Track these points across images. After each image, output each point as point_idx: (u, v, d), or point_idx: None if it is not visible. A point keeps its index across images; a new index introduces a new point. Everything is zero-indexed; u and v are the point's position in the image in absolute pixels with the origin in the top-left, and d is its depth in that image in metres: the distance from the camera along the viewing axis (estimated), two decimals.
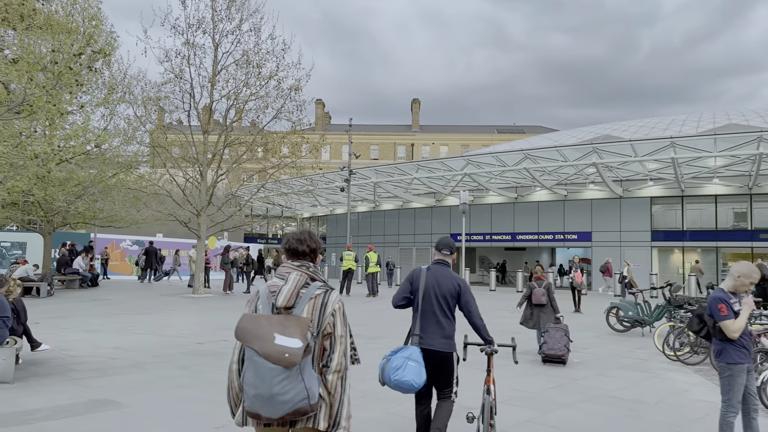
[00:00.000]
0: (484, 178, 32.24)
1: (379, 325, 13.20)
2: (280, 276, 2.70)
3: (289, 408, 2.39)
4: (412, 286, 4.62)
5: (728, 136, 24.40)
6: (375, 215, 41.28)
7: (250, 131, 19.22)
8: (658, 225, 30.68)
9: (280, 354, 2.36)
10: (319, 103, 70.38)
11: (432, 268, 4.70)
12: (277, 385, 2.37)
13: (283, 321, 2.47)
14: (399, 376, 3.96)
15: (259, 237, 51.08)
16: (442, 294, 4.48)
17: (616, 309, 12.52)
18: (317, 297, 2.63)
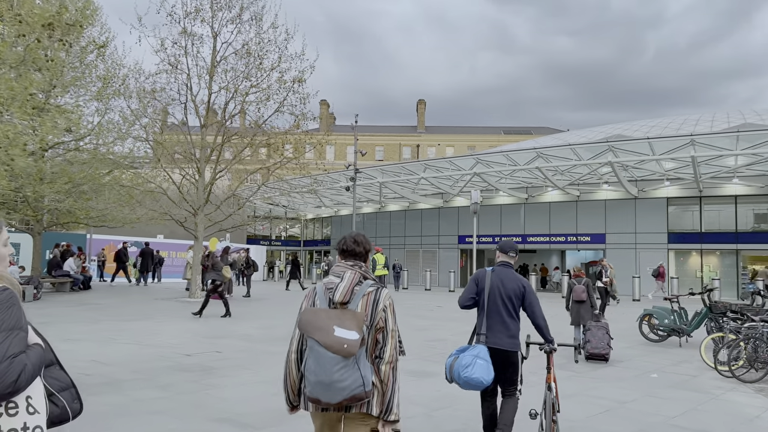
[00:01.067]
0: (494, 178, 31.13)
1: None
2: (335, 274, 2.91)
3: (346, 394, 2.58)
4: (478, 286, 4.74)
5: (750, 133, 23.21)
6: (381, 216, 40.21)
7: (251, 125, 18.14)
8: (674, 226, 29.49)
9: (339, 344, 2.55)
10: (324, 103, 69.36)
11: (496, 269, 4.79)
12: (336, 373, 2.55)
13: (341, 315, 2.68)
14: (468, 374, 4.10)
15: (263, 238, 50.06)
16: (507, 294, 4.62)
17: (649, 316, 11.40)
18: (370, 294, 2.81)
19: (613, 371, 8.41)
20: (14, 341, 1.74)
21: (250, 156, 20.28)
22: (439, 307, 18.58)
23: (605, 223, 30.79)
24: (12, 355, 1.70)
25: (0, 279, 1.86)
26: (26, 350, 1.79)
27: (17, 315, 1.81)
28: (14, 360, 1.70)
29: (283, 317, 14.42)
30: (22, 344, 1.79)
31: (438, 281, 34.31)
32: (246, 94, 18.23)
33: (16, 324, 1.78)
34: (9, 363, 1.68)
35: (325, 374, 2.56)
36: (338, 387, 2.56)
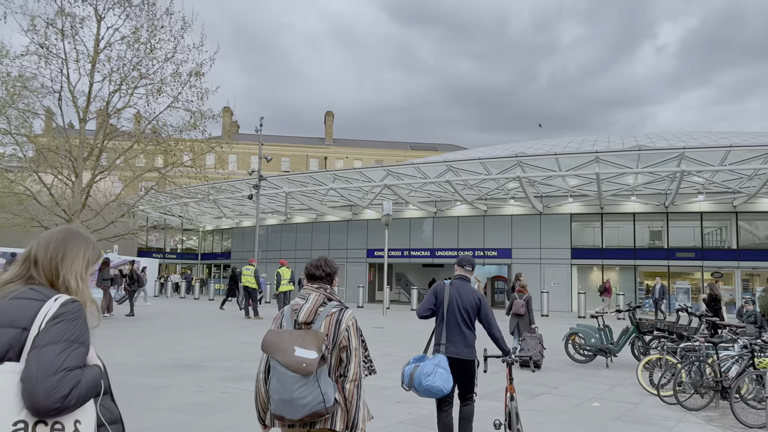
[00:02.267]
0: (405, 191, 30.42)
1: None
2: (301, 296, 3.04)
3: (308, 410, 2.67)
4: (437, 298, 4.88)
5: (650, 153, 24.04)
6: (286, 229, 38.37)
7: (139, 121, 16.06)
8: (577, 242, 30.14)
9: (298, 364, 2.65)
10: (227, 111, 66.21)
11: (455, 282, 4.96)
12: (296, 391, 2.65)
13: (303, 335, 2.78)
14: (430, 382, 4.17)
15: (156, 251, 46.44)
16: (464, 307, 4.77)
17: (575, 335, 10.74)
18: (333, 314, 2.92)
19: (551, 400, 7.49)
20: (72, 354, 1.62)
21: (145, 162, 18.11)
22: None
23: (511, 238, 30.93)
24: (67, 368, 1.58)
25: (75, 293, 1.78)
26: (83, 367, 1.67)
27: (81, 329, 1.72)
28: (68, 374, 1.58)
29: (171, 340, 12.50)
30: (80, 360, 1.68)
31: (346, 296, 32.98)
32: (134, 86, 16.16)
33: (78, 337, 1.67)
34: (62, 376, 1.56)
35: (286, 392, 2.66)
36: (299, 404, 2.65)
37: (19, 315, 1.67)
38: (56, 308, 1.69)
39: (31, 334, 1.64)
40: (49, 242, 1.87)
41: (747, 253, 27.34)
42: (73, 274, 1.85)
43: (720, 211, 27.71)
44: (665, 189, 27.94)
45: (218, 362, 9.76)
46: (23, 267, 1.84)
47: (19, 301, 1.71)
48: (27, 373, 1.57)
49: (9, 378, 1.57)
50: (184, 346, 11.53)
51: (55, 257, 1.84)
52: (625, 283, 29.34)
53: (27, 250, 1.89)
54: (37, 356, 1.59)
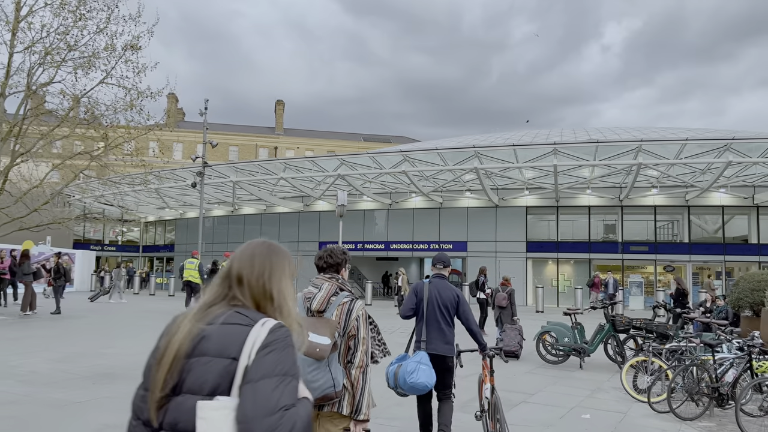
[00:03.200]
0: (359, 181, 29.39)
1: None
2: (314, 285, 3.12)
3: (318, 393, 2.76)
4: (417, 297, 5.01)
5: (609, 145, 23.82)
6: (234, 220, 36.70)
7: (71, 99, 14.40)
8: (533, 235, 29.85)
9: (312, 349, 2.75)
10: (172, 97, 63.50)
11: (433, 281, 5.06)
12: (309, 374, 2.75)
13: (316, 322, 2.89)
14: (414, 379, 4.21)
15: (94, 243, 43.81)
16: (443, 304, 4.91)
17: (545, 334, 9.99)
18: (344, 304, 3.01)
19: (532, 411, 6.64)
20: (287, 390, 1.45)
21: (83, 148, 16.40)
22: None
23: (467, 231, 30.38)
24: (284, 407, 1.42)
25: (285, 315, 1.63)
26: (296, 403, 1.48)
27: (292, 358, 1.52)
28: (285, 413, 1.41)
29: (98, 343, 11.08)
30: (295, 395, 1.49)
31: (297, 290, 31.72)
32: (62, 59, 14.49)
33: (290, 369, 1.49)
34: (280, 416, 1.40)
35: None
36: (311, 387, 2.66)
37: (228, 343, 1.49)
38: (265, 335, 1.50)
39: (240, 364, 1.45)
40: (253, 257, 1.71)
41: (698, 246, 27.64)
42: (282, 293, 1.69)
43: (673, 205, 27.90)
44: (620, 182, 27.92)
45: None
46: (223, 286, 1.67)
47: (228, 327, 1.52)
48: (242, 412, 1.39)
49: (225, 414, 1.40)
50: (112, 350, 10.16)
51: (261, 275, 1.68)
52: (579, 277, 29.22)
53: (227, 267, 1.71)
54: (251, 392, 1.41)
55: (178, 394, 1.46)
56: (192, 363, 1.47)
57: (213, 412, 1.40)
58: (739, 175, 25.57)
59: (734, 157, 22.16)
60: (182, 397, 1.45)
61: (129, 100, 15.04)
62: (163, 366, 1.47)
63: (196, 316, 1.56)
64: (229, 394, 1.44)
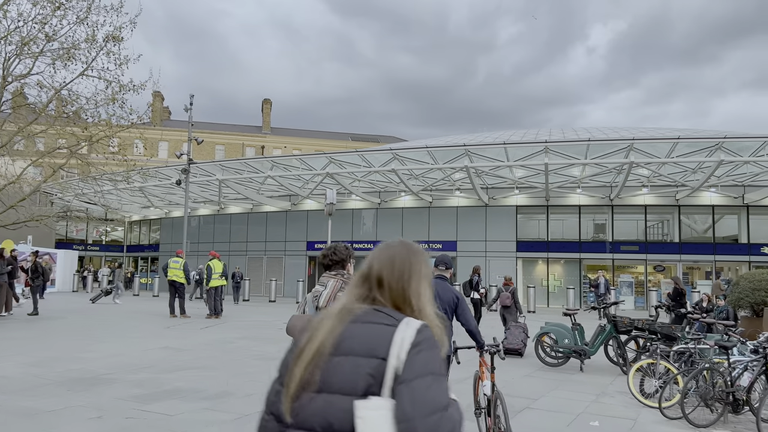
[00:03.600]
0: (348, 180, 28.96)
1: (227, 368, 8.97)
2: (321, 284, 3.26)
3: None
4: None
5: (600, 143, 23.60)
6: (220, 219, 36.08)
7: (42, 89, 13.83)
8: (523, 235, 29.60)
9: None
10: (158, 95, 62.68)
11: (435, 282, 4.65)
12: None
13: None
14: None
15: (78, 243, 42.94)
16: (444, 304, 4.89)
17: (544, 336, 9.64)
18: None
19: (537, 418, 6.28)
20: (440, 389, 1.43)
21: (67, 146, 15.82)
22: None
23: (457, 231, 30.07)
24: (443, 406, 1.40)
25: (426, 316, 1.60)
26: (450, 403, 1.46)
27: (441, 358, 1.51)
28: (444, 413, 1.39)
29: (76, 346, 10.56)
30: (447, 394, 1.47)
31: (284, 291, 31.26)
32: (40, 50, 13.92)
33: (440, 369, 1.47)
34: (440, 416, 1.38)
35: None
36: None
37: (376, 343, 1.48)
38: (413, 335, 1.49)
39: (389, 364, 1.45)
40: (393, 259, 1.68)
41: (688, 246, 27.55)
42: (420, 295, 1.64)
43: (663, 204, 27.78)
44: (611, 182, 27.76)
45: (130, 374, 8.03)
46: (363, 288, 1.66)
47: (373, 327, 1.52)
48: (402, 412, 1.39)
49: (383, 415, 1.40)
50: (90, 354, 9.66)
51: (402, 277, 1.64)
52: (569, 277, 29.02)
53: (366, 268, 1.70)
54: (408, 392, 1.41)
55: (320, 392, 1.46)
56: (338, 362, 1.47)
57: (373, 412, 1.40)
58: (729, 175, 25.49)
59: (725, 156, 22.04)
60: (331, 396, 1.44)
61: (111, 93, 14.50)
62: (302, 363, 1.48)
63: (339, 315, 1.56)
64: (379, 395, 1.44)
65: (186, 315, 16.08)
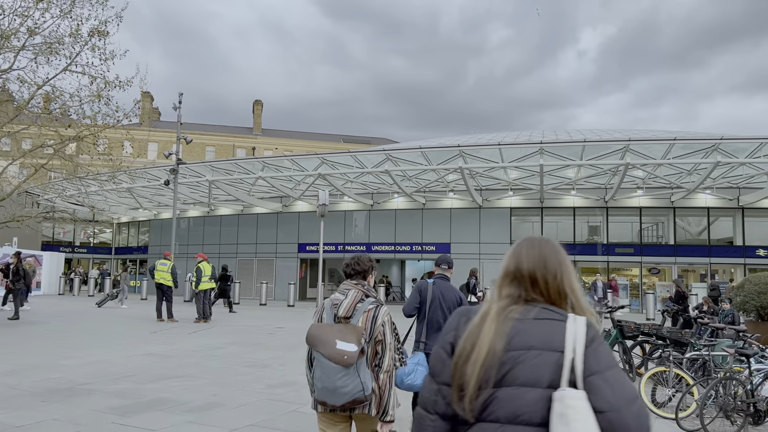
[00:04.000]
0: (340, 181, 28.53)
1: (215, 377, 8.53)
2: (341, 292, 3.22)
3: (348, 398, 2.93)
4: (421, 296, 5.12)
5: (596, 144, 23.32)
6: (210, 221, 35.52)
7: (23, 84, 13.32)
8: (517, 237, 29.10)
9: (340, 356, 2.89)
10: (147, 96, 62.11)
11: (437, 282, 5.16)
12: (339, 380, 2.90)
13: (343, 329, 3.01)
14: (411, 380, 4.27)
15: (65, 245, 42.22)
16: (446, 305, 5.01)
17: None
18: (370, 311, 3.13)
19: None
20: (627, 379, 1.52)
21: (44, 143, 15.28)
22: (280, 329, 15.21)
23: (450, 233, 29.71)
24: (638, 395, 1.49)
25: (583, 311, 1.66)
26: None
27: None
28: (641, 401, 1.50)
29: (55, 352, 10.05)
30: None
31: (275, 294, 30.74)
32: (22, 45, 13.42)
33: (615, 360, 1.56)
34: (640, 404, 1.48)
35: (329, 381, 2.92)
36: (341, 392, 2.91)
37: (552, 337, 1.55)
38: (584, 329, 1.56)
39: (566, 357, 1.52)
40: (545, 258, 1.72)
41: (683, 248, 27.35)
42: (574, 290, 1.70)
43: (658, 206, 27.57)
44: (605, 183, 27.53)
45: (111, 383, 7.56)
46: (513, 286, 1.70)
47: (544, 323, 1.59)
48: (606, 402, 1.45)
49: (585, 404, 1.45)
50: (71, 361, 9.17)
51: (555, 275, 1.69)
52: None
53: (515, 268, 1.73)
54: (604, 382, 1.48)
55: (501, 387, 1.52)
56: (517, 356, 1.53)
57: (577, 402, 1.45)
58: (724, 177, 25.31)
59: (722, 158, 21.83)
60: (516, 389, 1.50)
61: (96, 89, 13.99)
62: (477, 363, 1.54)
63: (498, 316, 1.61)
64: (559, 386, 1.49)
65: (174, 319, 15.58)
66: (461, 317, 1.69)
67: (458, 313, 1.72)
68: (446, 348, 1.65)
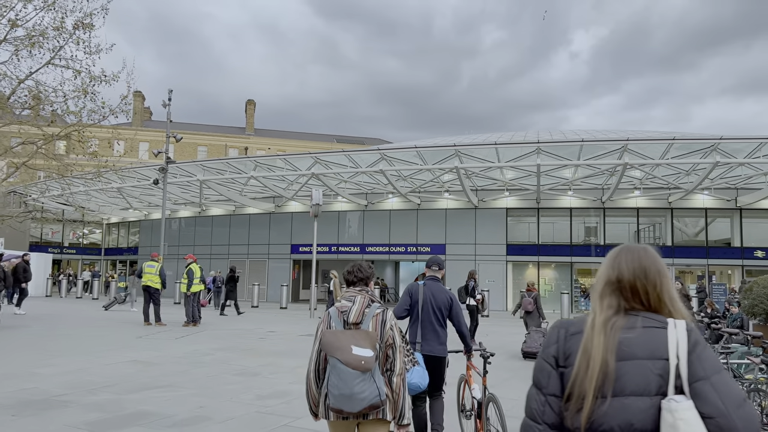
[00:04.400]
0: (334, 181, 28.07)
1: (202, 387, 8.06)
2: (347, 299, 3.22)
3: (365, 404, 2.92)
4: (411, 299, 5.13)
5: (594, 144, 22.96)
6: (201, 222, 34.96)
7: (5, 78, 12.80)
8: (513, 238, 28.90)
9: (357, 362, 2.90)
10: (138, 95, 61.58)
11: (428, 283, 5.20)
12: (356, 386, 2.90)
13: (356, 335, 3.02)
14: (408, 380, 4.11)
15: (54, 245, 41.51)
16: (437, 306, 5.08)
17: None
18: (378, 315, 3.16)
19: None
20: (733, 382, 1.55)
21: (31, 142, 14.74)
22: (272, 333, 14.74)
23: (445, 234, 29.30)
24: (745, 398, 1.52)
25: (676, 314, 1.67)
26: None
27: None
28: (749, 403, 1.53)
29: (31, 359, 9.53)
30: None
31: (267, 296, 30.22)
32: (3, 38, 12.89)
33: (720, 364, 1.59)
34: (749, 407, 1.50)
35: (346, 387, 2.90)
36: (359, 398, 2.90)
37: (655, 346, 1.59)
38: (686, 334, 1.59)
39: (671, 363, 1.55)
40: (645, 268, 1.72)
41: (681, 250, 27.06)
42: (673, 297, 1.71)
43: (656, 207, 27.27)
44: (602, 184, 27.21)
45: (89, 394, 7.07)
46: (614, 297, 1.71)
47: (647, 331, 1.62)
48: (714, 408, 1.48)
49: (695, 412, 1.48)
50: (48, 369, 8.66)
51: (656, 283, 1.70)
52: (560, 282, 28.40)
53: (616, 278, 1.72)
54: (713, 388, 1.50)
55: (614, 397, 1.55)
56: (625, 367, 1.56)
57: (687, 413, 1.47)
58: (723, 177, 25.04)
59: (721, 158, 21.53)
60: (626, 398, 1.54)
61: (81, 84, 13.47)
62: (592, 378, 1.56)
63: (605, 328, 1.62)
64: (666, 393, 1.52)
65: (162, 323, 15.06)
66: (560, 330, 1.71)
67: (556, 327, 1.74)
68: (550, 360, 1.68)
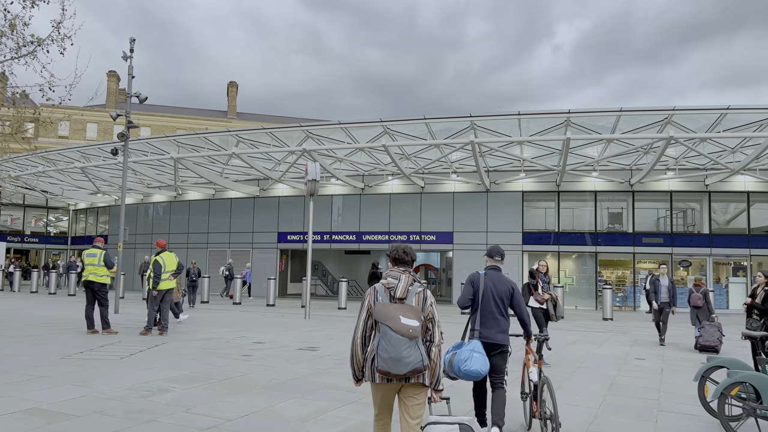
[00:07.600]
0: (328, 160, 24.61)
1: None
2: (393, 277, 3.63)
3: (410, 367, 3.34)
4: (473, 288, 5.21)
5: (634, 114, 19.62)
6: (177, 208, 31.27)
7: None
8: (530, 225, 25.68)
9: (406, 330, 3.36)
10: (112, 75, 57.44)
11: (489, 273, 5.27)
12: (404, 351, 3.33)
13: (403, 308, 3.46)
14: (468, 366, 4.52)
15: (14, 234, 37.54)
16: (498, 295, 5.13)
17: (715, 369, 5.56)
18: (420, 293, 3.57)
19: None
20: None
21: None
22: (260, 344, 11.28)
23: (453, 220, 26.00)
24: None
25: None
26: None
27: None
28: None
29: None
30: None
31: (252, 290, 26.72)
32: None
33: None
34: None
35: (396, 352, 3.32)
36: (405, 362, 3.31)
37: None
38: None
39: None
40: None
41: (720, 239, 24.03)
42: None
43: (691, 190, 24.19)
44: (631, 164, 24.10)
45: None
46: None
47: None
48: None
49: None
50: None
51: None
52: (582, 274, 25.28)
53: None
54: None
55: None
56: None
57: None
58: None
59: None
60: None
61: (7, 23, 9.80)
62: None
63: None
64: None
65: (111, 330, 11.43)
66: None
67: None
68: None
